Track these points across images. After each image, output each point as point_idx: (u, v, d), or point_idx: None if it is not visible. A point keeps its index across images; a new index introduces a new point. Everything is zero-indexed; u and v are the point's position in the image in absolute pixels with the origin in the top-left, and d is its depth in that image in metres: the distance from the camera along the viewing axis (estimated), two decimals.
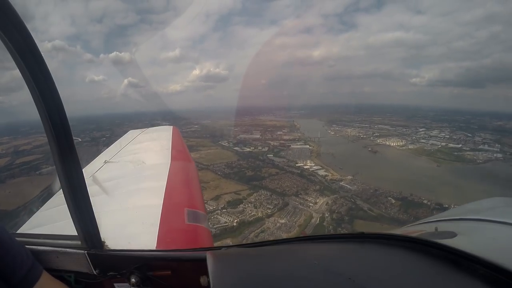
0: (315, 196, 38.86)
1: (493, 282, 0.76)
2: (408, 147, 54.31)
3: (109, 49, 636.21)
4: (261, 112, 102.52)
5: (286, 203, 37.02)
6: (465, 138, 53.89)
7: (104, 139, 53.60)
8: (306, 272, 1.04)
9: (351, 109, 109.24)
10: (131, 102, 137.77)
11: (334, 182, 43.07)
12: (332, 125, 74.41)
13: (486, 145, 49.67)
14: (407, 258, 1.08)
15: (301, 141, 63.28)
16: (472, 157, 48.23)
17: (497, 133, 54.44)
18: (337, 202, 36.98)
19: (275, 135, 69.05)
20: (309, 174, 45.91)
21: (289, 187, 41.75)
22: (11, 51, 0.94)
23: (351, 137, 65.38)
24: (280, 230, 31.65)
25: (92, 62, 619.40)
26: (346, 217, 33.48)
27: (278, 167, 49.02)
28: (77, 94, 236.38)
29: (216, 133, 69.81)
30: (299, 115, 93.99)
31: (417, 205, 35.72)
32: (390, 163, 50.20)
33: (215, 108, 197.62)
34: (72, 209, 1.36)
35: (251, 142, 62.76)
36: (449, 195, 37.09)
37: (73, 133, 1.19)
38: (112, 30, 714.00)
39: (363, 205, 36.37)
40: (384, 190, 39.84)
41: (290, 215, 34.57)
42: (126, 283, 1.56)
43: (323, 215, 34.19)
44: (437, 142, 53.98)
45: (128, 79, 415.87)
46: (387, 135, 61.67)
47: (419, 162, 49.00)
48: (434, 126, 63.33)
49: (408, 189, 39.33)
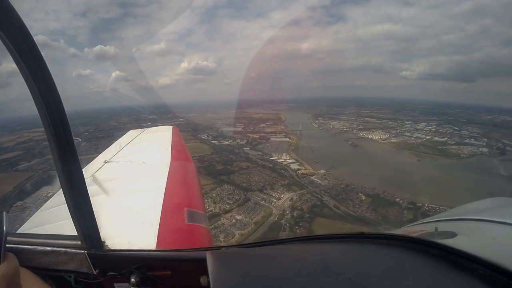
0: (281, 191, 36.55)
1: (493, 282, 0.75)
2: (391, 140, 51.42)
3: (94, 43, 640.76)
4: (251, 105, 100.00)
5: (248, 198, 34.82)
6: (451, 131, 50.85)
7: (86, 133, 52.70)
8: (306, 272, 1.03)
9: (341, 102, 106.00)
10: (120, 96, 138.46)
11: (305, 177, 40.67)
12: (318, 118, 71.68)
13: (473, 139, 46.67)
14: (407, 258, 1.08)
15: (282, 134, 60.94)
16: (456, 151, 45.32)
17: (486, 127, 51.40)
18: (302, 198, 34.60)
19: (258, 127, 67.08)
20: (281, 168, 43.61)
21: (257, 182, 39.56)
22: (11, 51, 0.93)
23: (334, 130, 62.56)
24: (234, 227, 29.59)
25: (77, 57, 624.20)
26: (307, 215, 31.14)
27: (251, 160, 47.07)
28: (65, 89, 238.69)
29: (198, 127, 68.43)
30: (288, 108, 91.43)
31: (388, 204, 33.17)
32: (369, 157, 47.55)
33: (206, 102, 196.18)
34: (72, 209, 1.36)
35: (232, 135, 60.85)
36: (426, 192, 34.47)
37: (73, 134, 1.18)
38: (96, 25, 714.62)
39: (329, 201, 33.92)
40: (356, 185, 37.50)
41: (249, 211, 32.36)
42: (126, 283, 1.56)
43: (284, 212, 31.85)
44: (422, 136, 51.02)
45: (115, 72, 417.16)
46: (372, 128, 58.79)
47: (399, 157, 46.20)
48: (422, 119, 60.27)
49: (383, 186, 36.80)
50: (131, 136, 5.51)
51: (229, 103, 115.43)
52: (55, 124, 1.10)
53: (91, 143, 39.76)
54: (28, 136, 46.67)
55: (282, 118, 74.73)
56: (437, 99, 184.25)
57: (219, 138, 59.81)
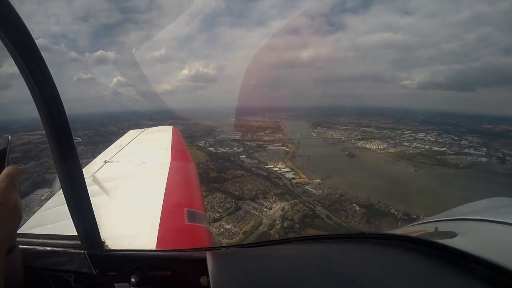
0: (273, 200, 35.87)
1: (493, 282, 0.76)
2: (389, 150, 50.44)
3: (95, 48, 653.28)
4: (251, 113, 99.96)
5: (239, 207, 34.17)
6: (451, 141, 49.67)
7: (85, 137, 52.99)
8: (306, 272, 1.03)
9: (340, 111, 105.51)
10: (121, 101, 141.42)
11: (299, 186, 39.97)
12: (317, 127, 71.09)
13: (472, 149, 45.45)
14: (407, 258, 1.08)
15: (280, 142, 60.49)
16: (455, 162, 44.15)
17: (486, 136, 50.04)
18: (294, 208, 33.87)
19: (256, 136, 66.68)
20: (275, 177, 42.97)
21: (250, 190, 38.92)
22: (11, 51, 0.93)
23: (332, 139, 61.87)
24: (222, 236, 28.89)
25: (77, 61, 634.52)
26: (297, 225, 30.36)
27: (246, 168, 46.54)
28: (65, 93, 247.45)
29: (196, 134, 68.32)
30: (287, 117, 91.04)
31: (382, 215, 32.24)
32: (365, 167, 46.66)
33: (206, 108, 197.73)
34: (72, 209, 1.36)
35: (229, 143, 60.54)
36: (421, 204, 33.39)
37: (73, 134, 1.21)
38: (97, 29, 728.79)
39: (322, 212, 33.09)
40: (351, 196, 36.63)
41: (239, 220, 31.73)
42: (126, 283, 1.55)
43: (274, 222, 31.12)
44: (420, 145, 49.93)
45: (117, 78, 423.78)
46: (370, 138, 57.87)
47: (396, 167, 45.18)
48: (422, 128, 59.04)
49: (378, 196, 35.88)
50: (131, 136, 5.53)
51: (229, 110, 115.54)
52: (55, 124, 1.09)
53: (88, 148, 39.98)
54: (27, 138, 46.90)
55: (281, 126, 74.25)
56: (437, 108, 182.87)
57: (216, 145, 59.38)
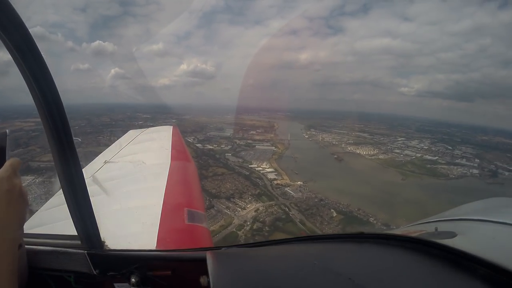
0: (249, 201, 34.42)
1: (493, 282, 0.76)
2: (379, 157, 48.73)
3: (92, 38, 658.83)
4: (248, 112, 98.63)
5: (212, 205, 32.70)
6: (444, 150, 47.91)
7: (76, 127, 52.14)
8: (306, 272, 1.03)
9: (337, 115, 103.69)
10: (119, 93, 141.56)
11: (280, 188, 38.34)
12: (310, 129, 69.56)
13: (464, 159, 43.66)
14: (407, 258, 1.07)
15: (269, 142, 59.02)
16: (445, 171, 42.36)
17: (480, 148, 48.15)
18: (269, 210, 32.34)
19: (247, 134, 65.38)
20: (256, 177, 41.51)
21: (227, 189, 37.53)
22: (11, 50, 0.92)
23: (323, 142, 60.21)
24: None
25: (74, 51, 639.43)
26: (267, 228, 28.80)
27: (228, 167, 45.13)
28: (62, 83, 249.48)
29: (187, 129, 67.34)
30: (283, 117, 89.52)
31: (360, 223, 30.55)
32: (352, 172, 44.98)
33: (202, 105, 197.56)
34: (72, 209, 1.35)
35: (218, 140, 59.31)
36: (403, 214, 31.53)
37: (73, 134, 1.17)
38: (95, 21, 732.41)
39: (296, 216, 31.51)
40: (331, 201, 34.99)
41: (209, 218, 30.09)
42: (126, 283, 1.55)
43: (244, 222, 29.61)
44: (411, 153, 48.20)
45: (115, 69, 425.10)
46: (362, 143, 56.22)
47: (383, 174, 43.47)
48: (416, 136, 57.29)
49: (360, 203, 34.23)
50: (131, 136, 5.51)
51: (226, 108, 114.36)
52: (55, 124, 1.08)
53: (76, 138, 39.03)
54: (20, 125, 46.12)
55: (274, 126, 72.83)
56: (435, 117, 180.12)
57: (205, 142, 58.44)
